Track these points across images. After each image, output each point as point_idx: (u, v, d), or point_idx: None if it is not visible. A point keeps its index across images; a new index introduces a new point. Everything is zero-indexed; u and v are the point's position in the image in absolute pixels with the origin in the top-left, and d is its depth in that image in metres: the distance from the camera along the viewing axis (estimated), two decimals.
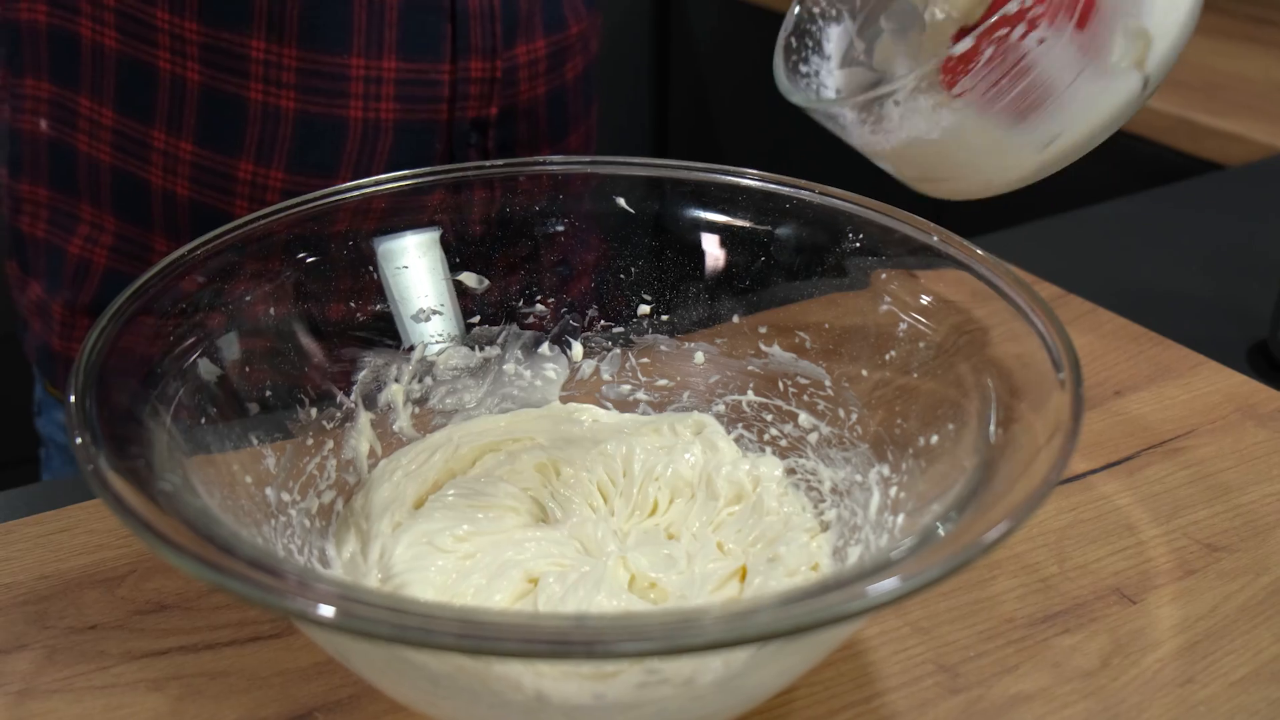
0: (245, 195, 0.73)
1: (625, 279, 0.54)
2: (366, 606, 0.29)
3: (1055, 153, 0.51)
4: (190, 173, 0.72)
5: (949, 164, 0.52)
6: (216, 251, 0.45)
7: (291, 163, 0.72)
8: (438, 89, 0.74)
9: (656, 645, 0.28)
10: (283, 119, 0.71)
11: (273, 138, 0.71)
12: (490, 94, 0.76)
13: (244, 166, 0.72)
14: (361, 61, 0.71)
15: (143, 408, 0.39)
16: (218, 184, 0.72)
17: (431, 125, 0.75)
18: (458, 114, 0.75)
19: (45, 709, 0.43)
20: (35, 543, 0.51)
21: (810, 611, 0.29)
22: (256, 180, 0.72)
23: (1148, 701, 0.45)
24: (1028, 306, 0.42)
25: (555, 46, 0.80)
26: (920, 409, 0.46)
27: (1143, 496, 0.55)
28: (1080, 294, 0.73)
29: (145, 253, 0.75)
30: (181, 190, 0.72)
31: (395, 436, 0.51)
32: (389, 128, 0.73)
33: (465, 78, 0.74)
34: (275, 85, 0.70)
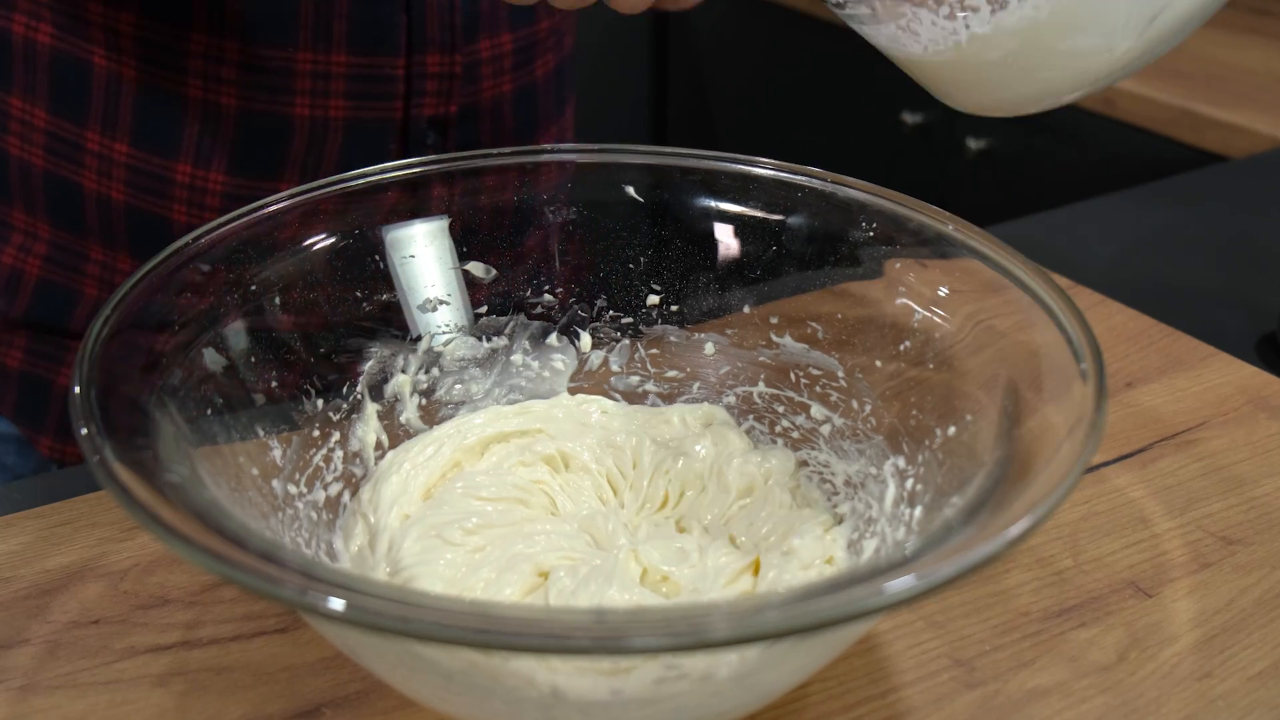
0: (184, 200, 0.69)
1: (634, 269, 0.53)
2: (383, 601, 0.28)
3: (1160, 31, 0.44)
4: (126, 176, 0.68)
5: (1039, 50, 0.44)
6: (222, 239, 0.45)
7: (233, 164, 0.68)
8: (392, 85, 0.70)
9: (682, 641, 0.28)
10: (223, 117, 0.67)
11: (212, 137, 0.67)
12: (450, 91, 0.72)
13: (182, 169, 0.68)
14: (309, 55, 0.67)
15: (148, 398, 0.38)
16: (154, 188, 0.68)
17: (385, 124, 0.70)
18: (414, 111, 0.71)
19: (48, 704, 0.42)
20: (37, 536, 0.50)
21: (839, 605, 0.28)
22: (195, 184, 0.68)
23: (1166, 696, 0.44)
24: (1047, 296, 0.42)
25: (523, 41, 0.75)
26: (936, 400, 0.45)
27: (1156, 489, 0.55)
28: (1087, 286, 0.73)
29: (80, 262, 0.72)
30: (117, 195, 0.69)
31: (402, 428, 0.50)
32: (339, 126, 0.69)
33: (422, 73, 0.70)
34: (215, 81, 0.66)
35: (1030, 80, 0.46)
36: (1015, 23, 0.43)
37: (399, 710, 0.42)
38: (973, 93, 0.48)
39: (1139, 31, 0.44)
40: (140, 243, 0.71)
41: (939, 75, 0.47)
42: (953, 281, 0.47)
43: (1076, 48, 0.44)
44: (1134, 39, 0.44)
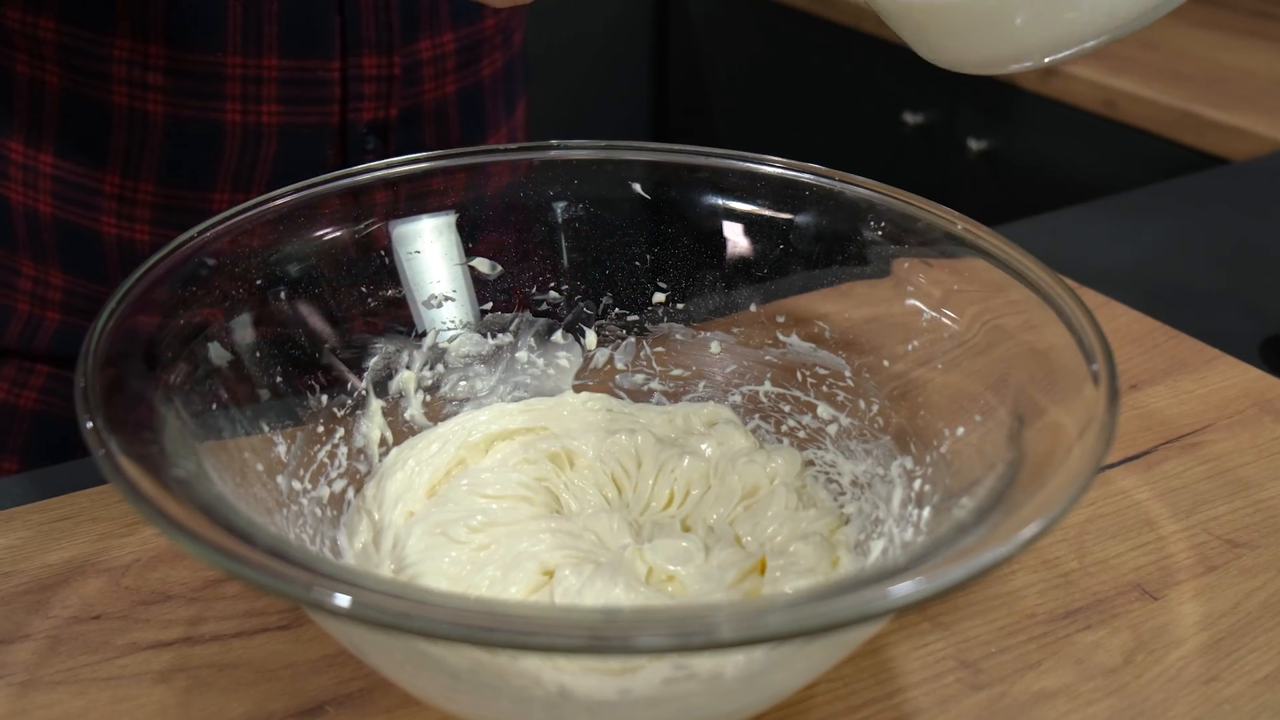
0: (113, 211, 0.67)
1: (640, 266, 0.53)
2: (390, 598, 0.28)
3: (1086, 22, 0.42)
4: (52, 188, 0.66)
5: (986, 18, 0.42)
6: (227, 233, 0.44)
7: (163, 174, 0.66)
8: (327, 89, 0.67)
9: (689, 641, 0.28)
10: (151, 125, 0.65)
11: (140, 146, 0.65)
12: (389, 94, 0.69)
13: (110, 179, 0.66)
14: (238, 60, 0.64)
15: (153, 393, 0.38)
16: (82, 199, 0.66)
17: (322, 129, 0.68)
18: (351, 116, 0.68)
19: (49, 700, 0.42)
20: (38, 530, 0.50)
21: (850, 607, 0.28)
22: (124, 194, 0.66)
23: (1172, 699, 0.44)
24: (1058, 296, 0.41)
25: (467, 40, 0.72)
26: (944, 401, 0.45)
27: (1161, 491, 0.55)
28: (1090, 288, 0.73)
29: (12, 277, 0.70)
30: (44, 207, 0.67)
31: (407, 424, 0.50)
32: (272, 132, 0.66)
33: (358, 76, 0.67)
34: (141, 88, 0.64)
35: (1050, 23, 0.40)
36: None
37: (402, 708, 0.42)
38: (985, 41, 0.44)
39: None
40: (71, 256, 0.69)
41: (948, 23, 0.43)
42: (961, 281, 0.46)
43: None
44: None
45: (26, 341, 0.71)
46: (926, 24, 0.44)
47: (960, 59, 0.45)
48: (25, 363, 0.72)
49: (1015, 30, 0.42)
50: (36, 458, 0.72)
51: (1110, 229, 0.89)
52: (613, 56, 2.21)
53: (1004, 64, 0.45)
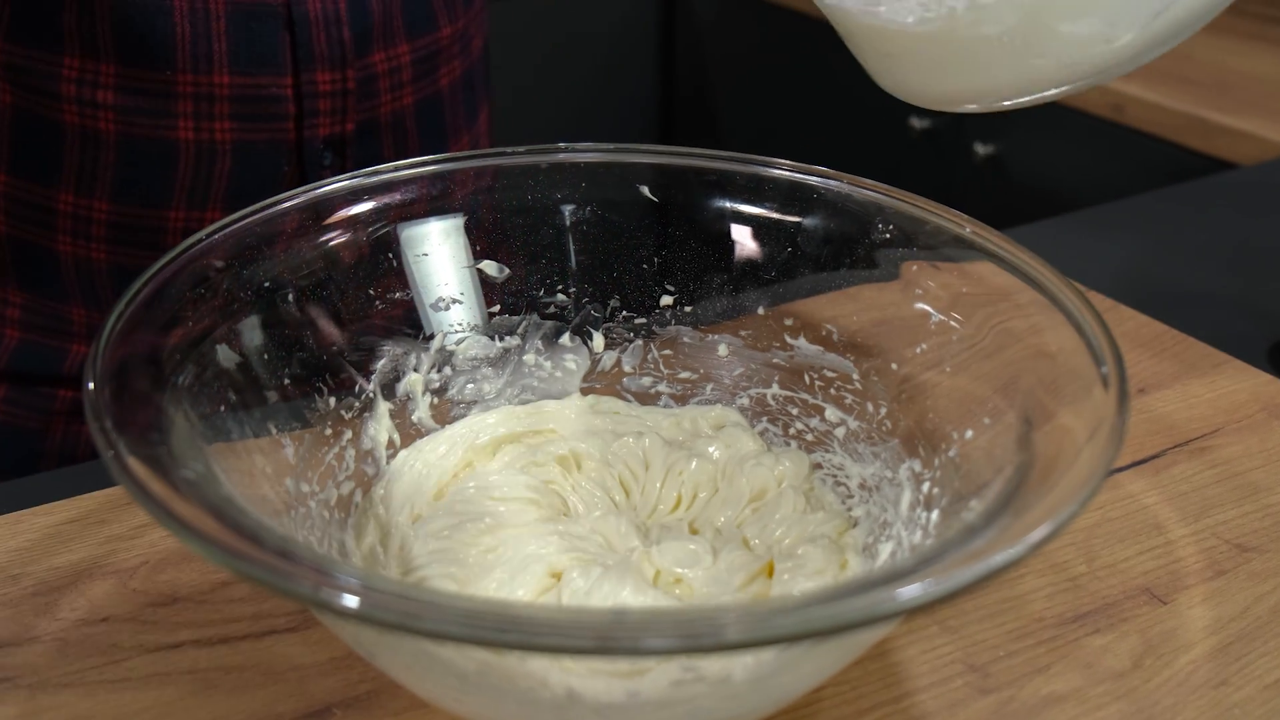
0: (68, 230, 0.66)
1: (648, 269, 0.53)
2: (398, 599, 0.28)
3: (1164, 25, 0.41)
4: (5, 205, 0.66)
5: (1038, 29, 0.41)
6: (234, 235, 0.44)
7: (117, 192, 0.66)
8: (280, 105, 0.66)
9: (698, 643, 0.27)
10: (103, 143, 0.64)
11: (93, 164, 0.65)
12: (344, 108, 0.68)
13: (64, 198, 0.65)
14: (189, 77, 0.64)
15: (161, 395, 0.38)
16: (36, 218, 0.66)
17: (276, 145, 0.67)
18: (307, 133, 0.68)
19: (56, 703, 0.42)
20: (45, 533, 0.50)
21: (859, 609, 0.28)
22: (79, 213, 0.66)
23: (1182, 704, 0.44)
24: (1067, 299, 0.41)
25: (424, 51, 0.72)
26: (953, 404, 0.45)
27: (1170, 495, 0.55)
28: (1098, 292, 0.72)
29: None
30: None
31: (414, 427, 0.50)
32: (226, 150, 0.66)
33: (312, 92, 0.67)
34: (91, 106, 0.64)
35: (1015, 66, 0.42)
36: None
37: (410, 711, 0.42)
38: (946, 77, 0.44)
39: (1144, 23, 0.41)
40: (28, 274, 0.69)
41: (913, 53, 0.43)
42: (970, 284, 0.46)
43: (1077, 33, 0.41)
44: (1137, 30, 0.41)
45: None
46: (894, 52, 0.44)
47: (922, 92, 0.45)
48: None
49: (981, 69, 0.43)
50: (1, 471, 0.71)
51: (1118, 234, 0.89)
52: (618, 60, 2.21)
53: (962, 102, 0.45)
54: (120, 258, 0.68)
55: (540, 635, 0.27)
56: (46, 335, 0.71)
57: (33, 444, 0.72)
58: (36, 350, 0.71)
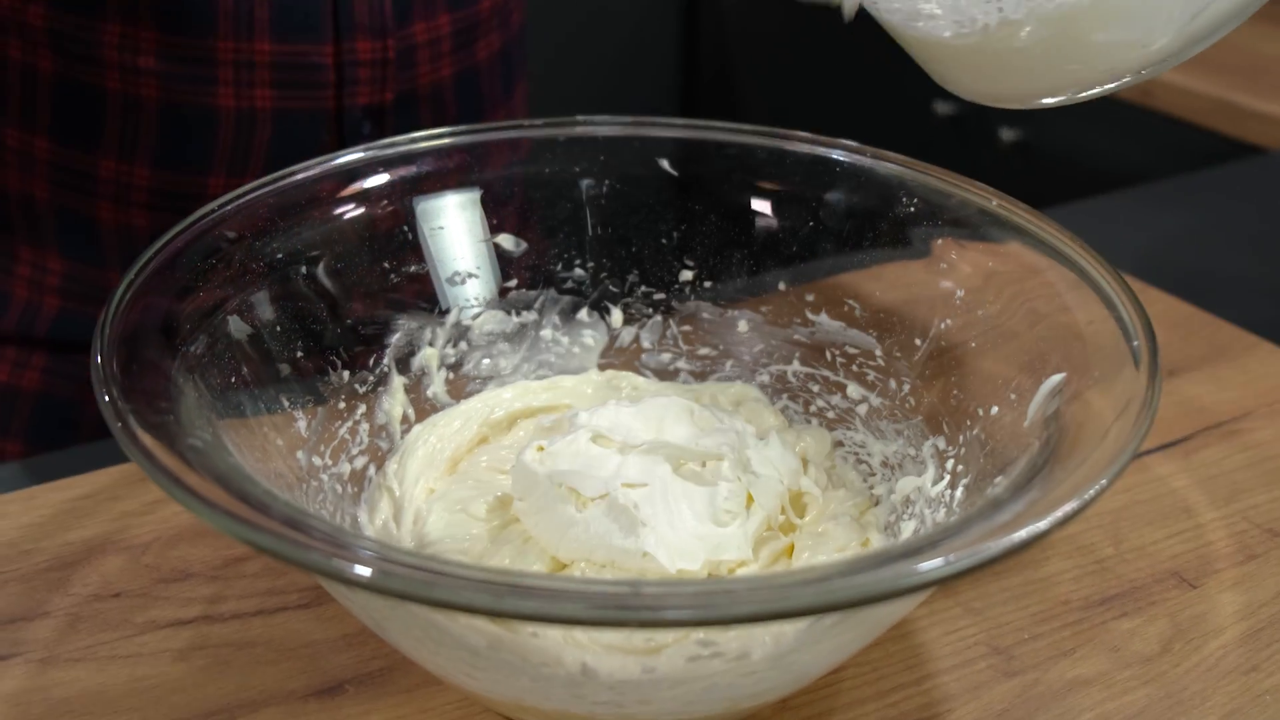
0: (110, 196, 0.66)
1: (667, 244, 0.52)
2: (406, 568, 0.27)
3: (1199, 27, 0.42)
4: (48, 173, 0.66)
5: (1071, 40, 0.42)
6: (248, 207, 0.44)
7: (158, 158, 0.66)
8: (321, 73, 0.66)
9: (713, 613, 0.27)
10: (145, 110, 0.64)
11: (135, 131, 0.65)
12: (384, 78, 0.68)
13: (105, 165, 0.65)
14: (230, 44, 0.64)
15: (171, 364, 0.37)
16: (78, 184, 0.66)
17: (317, 114, 0.67)
18: (347, 101, 0.67)
19: (68, 678, 0.42)
20: (59, 508, 0.50)
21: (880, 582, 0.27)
22: (120, 179, 0.66)
23: (1210, 689, 0.43)
24: (1096, 273, 0.40)
25: (463, 23, 0.71)
26: (979, 380, 0.44)
27: (1200, 479, 0.53)
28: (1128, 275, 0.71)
29: (10, 263, 0.70)
30: (40, 193, 0.67)
31: (429, 402, 0.50)
32: (267, 117, 0.66)
33: (353, 60, 0.67)
34: (134, 73, 0.64)
35: (1053, 72, 0.43)
36: (1052, 9, 0.41)
37: (423, 688, 0.41)
38: (988, 81, 0.45)
39: (1179, 28, 0.41)
40: (68, 241, 0.69)
41: (955, 60, 0.44)
42: (996, 260, 0.45)
43: (1111, 40, 0.42)
44: (1172, 35, 0.41)
45: (26, 327, 0.71)
46: (939, 57, 0.44)
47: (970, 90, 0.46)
48: (24, 348, 0.72)
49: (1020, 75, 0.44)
50: (39, 440, 0.71)
51: (1146, 217, 0.88)
52: (640, 41, 2.20)
53: (1007, 101, 0.46)
54: (161, 224, 0.67)
55: (554, 604, 0.27)
56: (86, 303, 0.71)
57: (71, 413, 0.72)
58: (76, 318, 0.71)
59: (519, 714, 0.38)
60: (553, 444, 0.42)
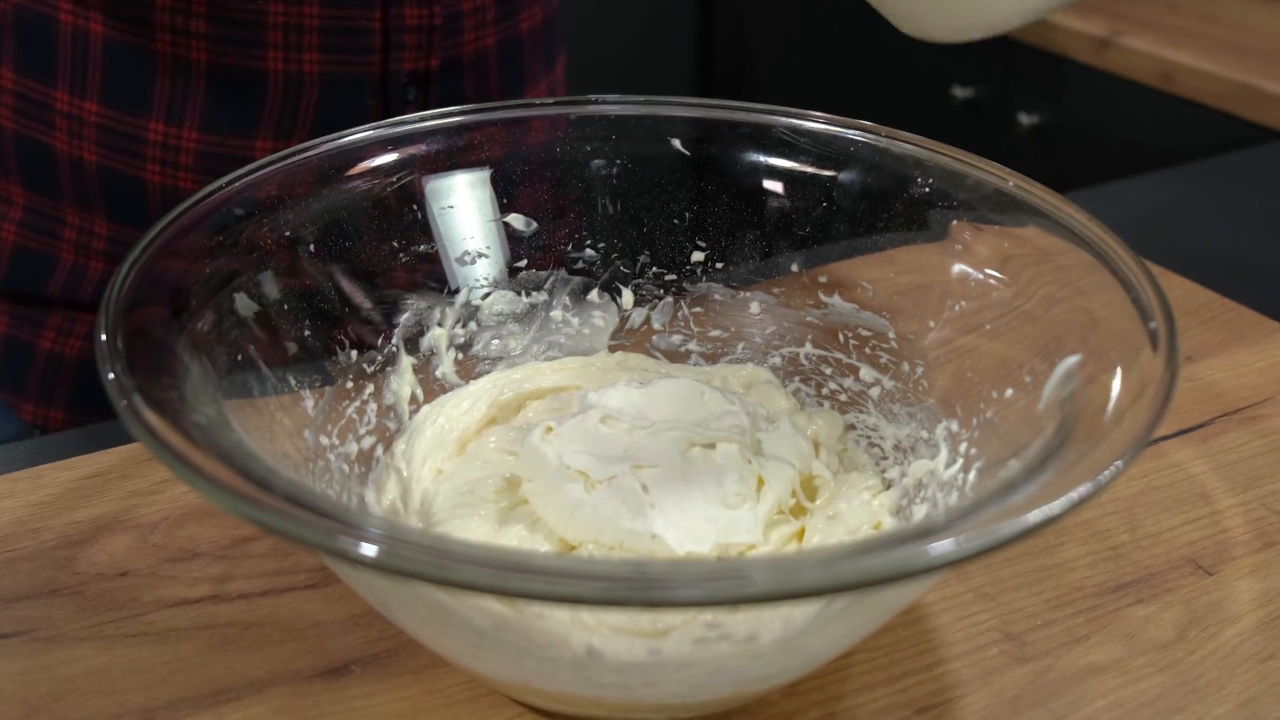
0: (157, 159, 0.67)
1: (679, 224, 0.51)
2: (409, 545, 0.27)
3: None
4: (97, 136, 0.67)
5: None
6: (256, 184, 0.43)
7: (206, 121, 0.67)
8: (368, 38, 0.67)
9: (722, 593, 0.26)
10: (194, 73, 0.65)
11: (184, 94, 0.66)
12: (429, 44, 0.69)
13: (154, 127, 0.66)
14: (280, 7, 0.65)
15: (176, 340, 0.37)
16: (126, 147, 0.67)
17: (363, 78, 0.68)
18: (393, 66, 0.68)
19: (73, 656, 0.42)
20: (67, 487, 0.49)
21: (890, 563, 0.27)
22: (168, 142, 0.67)
23: (1226, 677, 0.42)
24: (1115, 256, 0.40)
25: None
26: (993, 363, 0.43)
27: (1217, 465, 0.53)
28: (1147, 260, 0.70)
29: (57, 227, 0.70)
30: (89, 156, 0.67)
31: (438, 382, 0.49)
32: (314, 81, 0.67)
33: (400, 26, 0.67)
34: (184, 35, 0.64)
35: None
36: None
37: (429, 670, 0.41)
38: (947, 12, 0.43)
39: None
40: (116, 205, 0.69)
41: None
42: (1012, 241, 0.45)
43: None
44: None
45: (71, 291, 0.71)
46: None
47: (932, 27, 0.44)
48: (70, 312, 0.72)
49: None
50: (83, 407, 0.72)
51: (1166, 201, 0.87)
52: (657, 21, 2.19)
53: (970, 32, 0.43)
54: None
55: (558, 584, 0.26)
56: None
57: None
58: None
59: (526, 696, 0.38)
60: (561, 425, 0.42)
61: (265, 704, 0.40)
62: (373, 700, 0.40)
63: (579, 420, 0.42)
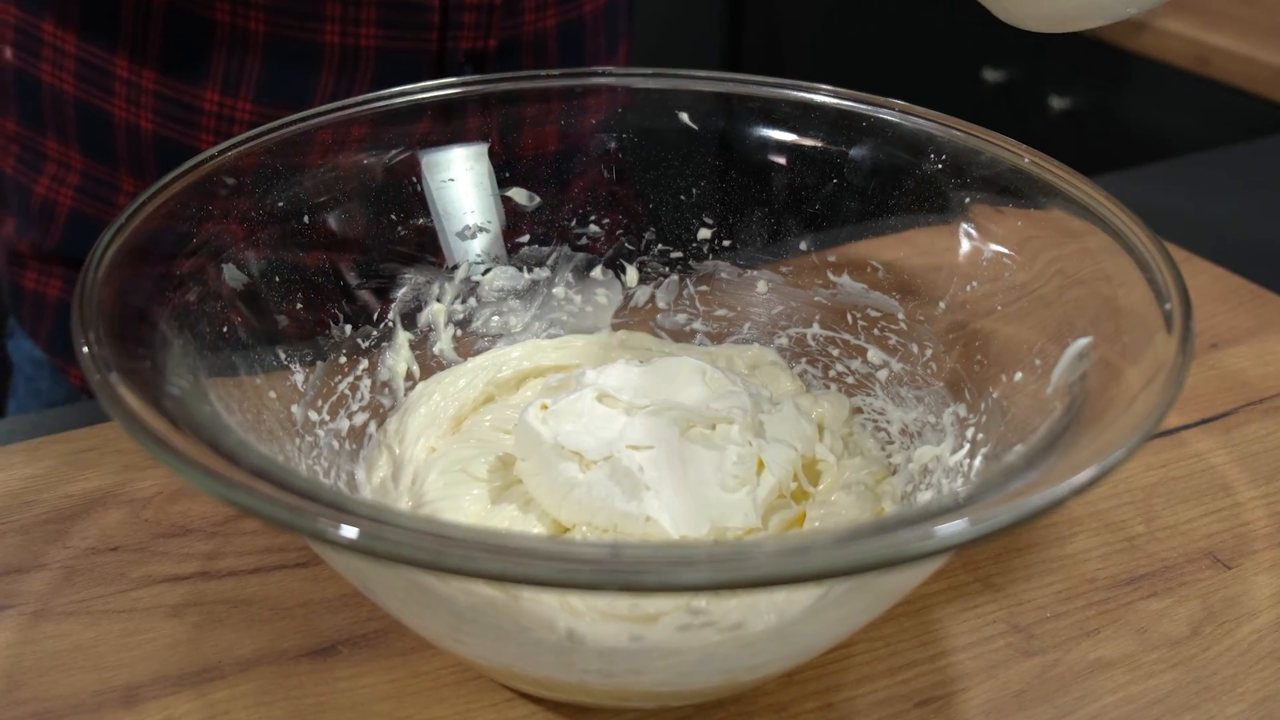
0: (211, 129, 0.67)
1: (685, 200, 0.50)
2: (367, 521, 0.26)
3: None
4: (154, 104, 0.67)
5: None
6: (250, 154, 0.42)
7: (260, 93, 0.66)
8: (426, 15, 0.66)
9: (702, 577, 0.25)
10: (252, 44, 0.65)
11: (240, 65, 0.66)
12: (488, 23, 0.68)
13: (210, 97, 0.66)
14: None
15: (158, 311, 0.36)
16: (182, 116, 0.67)
17: (419, 55, 0.67)
18: (450, 44, 0.68)
19: (59, 631, 0.41)
20: (62, 460, 0.49)
21: (878, 550, 0.25)
22: (223, 112, 0.67)
23: (1242, 675, 0.41)
24: (1132, 235, 0.38)
25: None
26: (1004, 346, 0.42)
27: (1240, 456, 0.51)
28: (1173, 244, 0.68)
29: (112, 194, 0.70)
30: (145, 124, 0.67)
31: (435, 359, 0.48)
32: (370, 56, 0.66)
33: (459, 4, 0.67)
34: (244, 6, 0.64)
35: None
36: None
37: (418, 652, 0.40)
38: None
39: None
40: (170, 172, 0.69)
41: None
42: (1026, 220, 0.43)
43: None
44: None
45: None
46: None
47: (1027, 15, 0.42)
48: None
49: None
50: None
51: (1199, 187, 0.85)
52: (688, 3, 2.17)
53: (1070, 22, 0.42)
54: None
55: (532, 566, 0.25)
56: None
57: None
58: None
59: (512, 681, 0.37)
60: (556, 403, 0.41)
61: (250, 683, 0.39)
62: (359, 682, 0.40)
63: (575, 398, 0.41)
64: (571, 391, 0.41)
